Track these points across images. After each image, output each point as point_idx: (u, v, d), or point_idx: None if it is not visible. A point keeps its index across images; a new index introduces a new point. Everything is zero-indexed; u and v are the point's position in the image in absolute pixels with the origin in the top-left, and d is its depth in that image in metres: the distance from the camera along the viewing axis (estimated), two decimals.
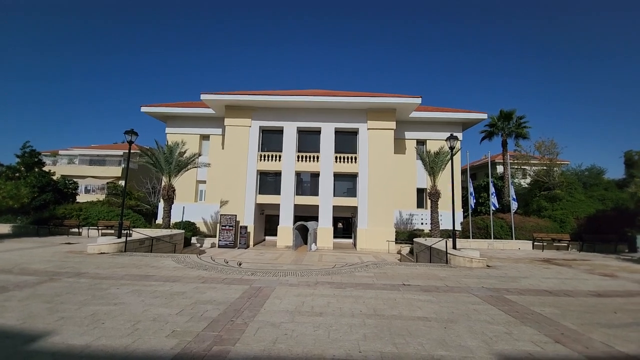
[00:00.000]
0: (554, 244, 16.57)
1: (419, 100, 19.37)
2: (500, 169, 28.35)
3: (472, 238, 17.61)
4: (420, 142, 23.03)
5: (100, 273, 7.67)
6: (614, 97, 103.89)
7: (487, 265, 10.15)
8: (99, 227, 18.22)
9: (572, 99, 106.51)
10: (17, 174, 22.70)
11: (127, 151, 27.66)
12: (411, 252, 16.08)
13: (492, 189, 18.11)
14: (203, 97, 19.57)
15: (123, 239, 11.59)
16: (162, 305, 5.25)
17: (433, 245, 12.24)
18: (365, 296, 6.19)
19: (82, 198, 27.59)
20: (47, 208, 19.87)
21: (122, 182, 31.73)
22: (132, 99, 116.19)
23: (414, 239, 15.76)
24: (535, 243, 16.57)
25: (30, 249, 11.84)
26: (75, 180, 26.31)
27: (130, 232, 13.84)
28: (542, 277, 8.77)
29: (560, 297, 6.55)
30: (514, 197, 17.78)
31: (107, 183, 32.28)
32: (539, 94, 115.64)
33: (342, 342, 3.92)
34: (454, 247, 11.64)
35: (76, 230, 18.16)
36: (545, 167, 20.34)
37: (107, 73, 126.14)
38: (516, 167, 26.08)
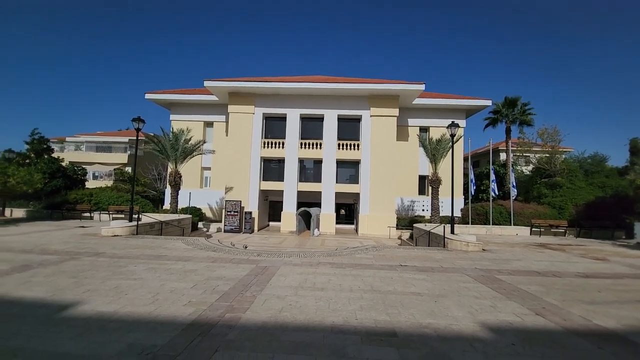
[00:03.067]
0: (552, 230, 16.90)
1: (422, 87, 19.31)
2: (503, 156, 28.36)
3: (472, 224, 17.99)
4: (423, 129, 23.06)
5: (117, 253, 8.20)
6: (623, 84, 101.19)
7: (483, 249, 10.55)
8: (110, 212, 18.87)
9: (580, 86, 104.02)
10: (28, 161, 23.31)
11: (133, 138, 28.06)
12: (411, 237, 16.54)
13: (492, 176, 18.33)
14: (206, 83, 19.69)
15: (134, 222, 12.12)
16: (177, 281, 5.74)
17: (432, 230, 12.64)
18: (364, 275, 6.64)
19: (90, 184, 28.27)
20: (59, 193, 20.53)
21: (128, 169, 32.33)
22: (135, 86, 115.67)
23: (414, 225, 16.18)
24: (533, 229, 16.91)
25: (46, 231, 12.45)
26: (83, 166, 26.91)
27: (140, 216, 14.37)
28: (534, 259, 9.16)
29: (548, 277, 6.95)
30: (514, 184, 18.01)
31: (114, 169, 32.91)
32: (546, 81, 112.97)
33: (341, 312, 4.37)
34: (452, 232, 12.01)
35: (88, 214, 18.84)
36: (547, 155, 20.41)
37: (111, 60, 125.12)
38: (519, 154, 26.10)
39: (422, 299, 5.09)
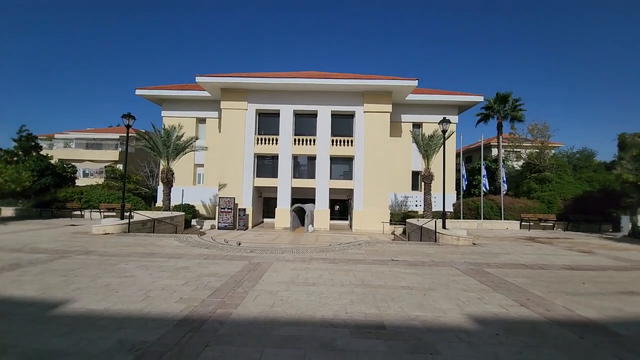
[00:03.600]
0: (541, 224, 17.26)
1: (415, 83, 19.41)
2: (495, 151, 28.74)
3: (463, 219, 18.26)
4: (417, 125, 23.22)
5: (108, 251, 8.15)
6: (613, 79, 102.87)
7: (473, 243, 10.74)
8: (101, 210, 18.65)
9: (572, 82, 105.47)
10: (16, 158, 22.83)
11: (123, 134, 27.68)
12: (404, 232, 16.74)
13: (483, 172, 18.60)
14: (198, 79, 19.48)
15: (126, 220, 12.02)
16: (169, 278, 5.74)
17: (423, 225, 12.81)
18: (356, 270, 6.72)
19: (80, 182, 27.85)
20: (48, 191, 20.19)
21: (119, 166, 31.90)
22: (125, 82, 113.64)
23: (407, 220, 16.36)
24: (522, 223, 17.25)
25: (36, 230, 12.28)
26: (73, 164, 26.46)
27: (132, 214, 14.25)
28: (523, 253, 9.37)
29: (534, 270, 7.13)
30: (504, 179, 18.32)
31: (105, 167, 32.43)
32: (537, 77, 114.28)
33: (331, 306, 4.43)
34: (444, 226, 12.19)
35: (78, 212, 18.60)
36: (537, 150, 20.76)
37: (100, 55, 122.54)
38: (510, 149, 26.50)
39: (411, 292, 5.19)
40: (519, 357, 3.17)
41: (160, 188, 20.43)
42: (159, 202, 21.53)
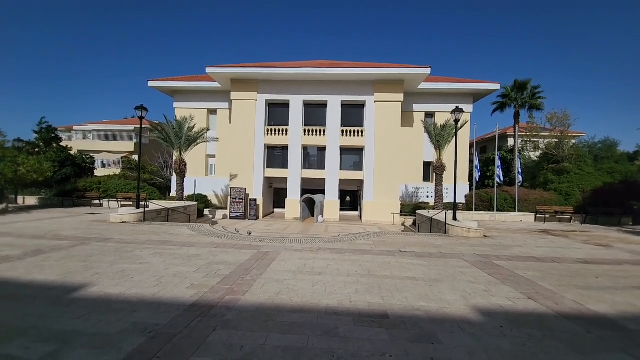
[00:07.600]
0: (557, 217, 16.76)
1: (428, 71, 18.87)
2: (511, 142, 27.82)
3: (476, 210, 17.93)
4: (429, 115, 22.68)
5: (125, 239, 8.49)
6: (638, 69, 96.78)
7: (485, 235, 10.57)
8: (118, 199, 19.33)
9: (594, 69, 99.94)
10: (37, 150, 23.79)
11: (138, 126, 28.30)
12: (414, 224, 16.63)
13: (498, 162, 18.09)
14: (208, 70, 19.57)
15: (141, 209, 12.43)
16: (181, 265, 5.96)
17: (434, 217, 12.68)
18: (362, 260, 6.77)
19: (99, 172, 28.79)
20: (69, 181, 21.03)
21: (135, 157, 32.78)
22: (142, 74, 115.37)
23: (417, 211, 16.22)
24: (537, 215, 16.79)
25: (58, 218, 12.87)
26: (91, 155, 27.36)
27: (147, 203, 14.72)
28: (535, 245, 9.18)
29: (546, 263, 6.99)
30: (520, 170, 17.77)
31: (122, 157, 33.40)
32: (559, 65, 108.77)
33: (336, 295, 4.51)
34: (454, 218, 12.03)
35: (97, 201, 19.35)
36: (555, 140, 19.97)
37: (115, 48, 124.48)
38: (527, 139, 25.59)
39: (417, 283, 5.21)
40: (521, 348, 3.17)
41: (174, 178, 20.92)
42: (173, 192, 22.08)
